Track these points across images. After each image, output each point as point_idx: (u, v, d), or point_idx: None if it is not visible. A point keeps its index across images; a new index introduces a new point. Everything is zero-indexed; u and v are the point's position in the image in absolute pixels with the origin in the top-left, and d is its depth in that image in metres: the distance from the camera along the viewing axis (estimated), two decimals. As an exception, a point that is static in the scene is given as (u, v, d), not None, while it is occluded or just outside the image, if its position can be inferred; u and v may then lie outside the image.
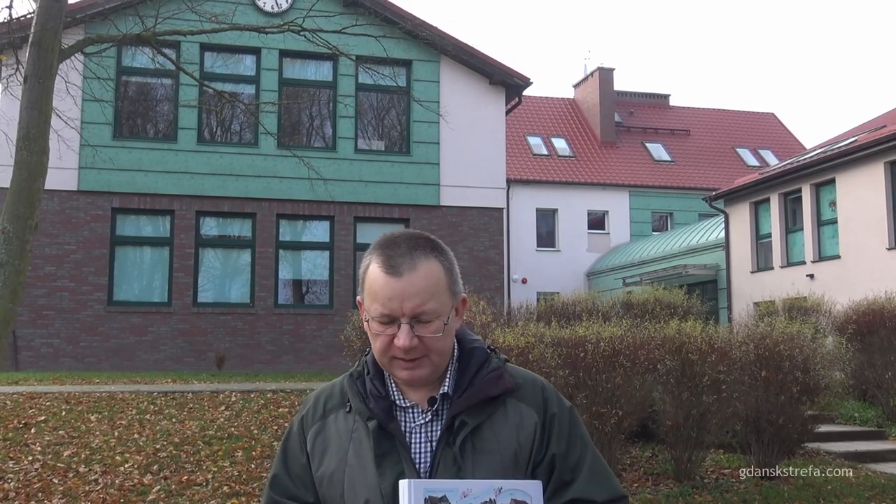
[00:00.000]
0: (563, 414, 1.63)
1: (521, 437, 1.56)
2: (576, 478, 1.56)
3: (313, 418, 1.64)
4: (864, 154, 15.30)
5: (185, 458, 7.42)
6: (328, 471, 1.57)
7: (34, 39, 5.80)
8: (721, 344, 7.51)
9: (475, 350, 1.63)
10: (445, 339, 1.56)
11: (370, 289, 1.56)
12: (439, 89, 16.74)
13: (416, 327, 1.51)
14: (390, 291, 1.51)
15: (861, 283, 14.23)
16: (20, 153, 5.69)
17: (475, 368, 1.60)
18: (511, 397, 1.59)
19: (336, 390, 1.66)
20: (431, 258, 1.55)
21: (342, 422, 1.60)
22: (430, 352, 1.54)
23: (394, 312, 1.51)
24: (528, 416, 1.58)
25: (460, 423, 1.53)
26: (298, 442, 1.63)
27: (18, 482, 6.60)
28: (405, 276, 1.52)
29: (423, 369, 1.55)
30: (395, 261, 1.53)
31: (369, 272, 1.57)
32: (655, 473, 7.77)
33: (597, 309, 11.15)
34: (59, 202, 14.67)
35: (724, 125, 31.55)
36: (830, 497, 7.25)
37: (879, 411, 10.75)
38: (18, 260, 5.53)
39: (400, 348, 1.51)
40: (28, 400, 9.43)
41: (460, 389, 1.57)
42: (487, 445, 1.53)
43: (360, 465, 1.54)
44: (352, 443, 1.57)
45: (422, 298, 1.51)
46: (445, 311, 1.55)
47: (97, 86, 12.86)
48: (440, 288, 1.55)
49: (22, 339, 14.25)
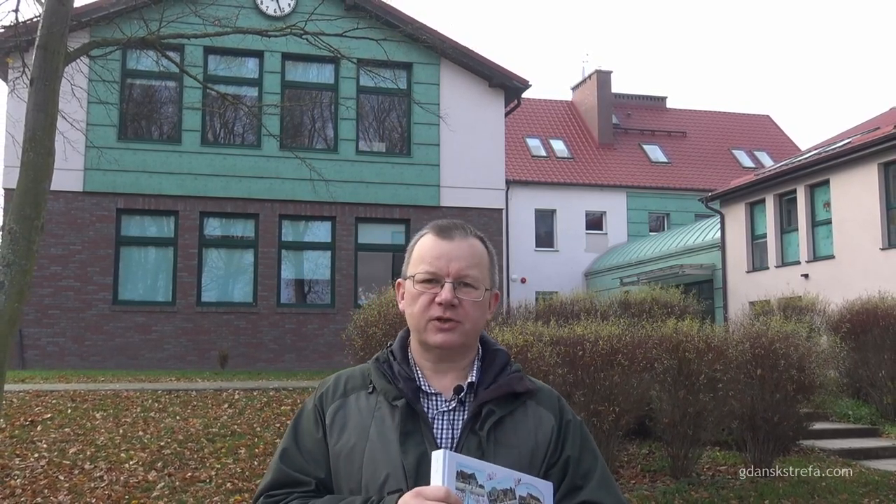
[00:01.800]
0: (577, 423, 1.68)
1: (539, 437, 1.60)
2: (587, 484, 1.59)
3: (333, 396, 1.63)
4: (857, 155, 15.30)
5: (188, 455, 7.42)
6: (348, 444, 1.56)
7: (40, 43, 5.79)
8: (717, 343, 7.51)
9: (499, 351, 1.69)
10: (481, 312, 1.63)
11: (418, 254, 1.64)
12: (439, 92, 16.74)
13: (458, 290, 1.58)
14: (439, 251, 1.61)
15: (855, 283, 14.23)
16: (26, 155, 5.68)
17: (500, 367, 1.65)
18: (531, 399, 1.64)
19: (357, 373, 1.67)
20: (478, 240, 1.67)
21: (364, 401, 1.60)
22: (467, 318, 1.59)
23: (440, 271, 1.59)
24: (546, 419, 1.63)
25: (488, 412, 1.56)
26: (314, 417, 1.62)
27: (25, 479, 6.60)
28: (456, 240, 1.62)
29: (456, 335, 1.58)
30: (446, 229, 1.64)
31: (420, 242, 1.66)
32: (653, 470, 7.77)
33: (595, 308, 11.14)
34: (65, 203, 14.67)
35: (719, 127, 31.55)
36: (825, 494, 7.25)
37: (873, 409, 10.76)
38: (25, 260, 5.52)
39: (441, 303, 1.57)
40: (34, 398, 9.43)
41: (486, 382, 1.62)
42: (508, 439, 1.56)
43: (382, 441, 1.53)
44: (374, 420, 1.57)
45: (468, 262, 1.60)
46: (485, 284, 1.63)
47: (102, 88, 12.83)
48: (483, 262, 1.64)
49: (28, 337, 14.25)
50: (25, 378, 11.39)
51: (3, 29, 7.93)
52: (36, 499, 6.20)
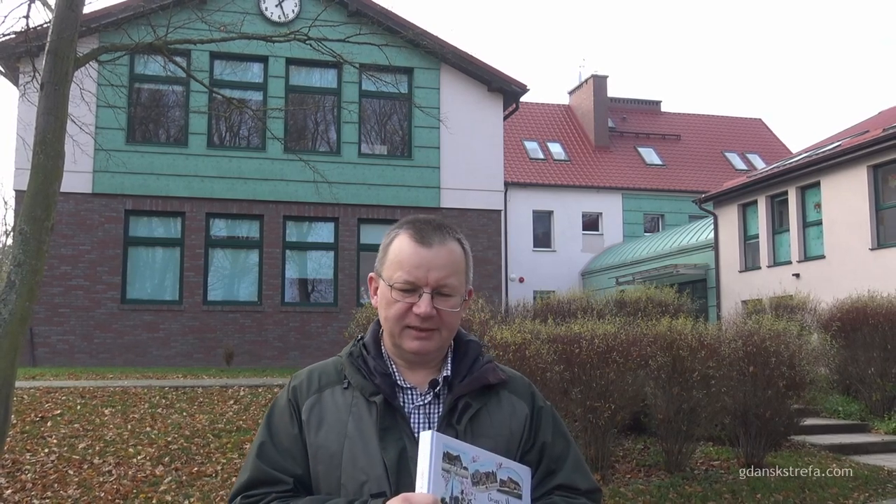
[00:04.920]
0: (548, 409, 1.66)
1: (514, 426, 1.58)
2: (561, 467, 1.59)
3: (308, 391, 1.57)
4: (847, 158, 15.29)
5: (195, 450, 7.42)
6: (326, 442, 1.51)
7: (50, 48, 5.79)
8: (710, 341, 7.51)
9: (471, 343, 1.65)
10: (457, 318, 1.58)
11: (395, 257, 1.55)
12: (439, 96, 16.73)
13: (436, 299, 1.52)
14: (418, 259, 1.53)
15: (845, 283, 14.22)
16: (37, 157, 5.68)
17: (472, 358, 1.62)
18: (504, 389, 1.62)
19: (330, 368, 1.61)
20: (456, 241, 1.59)
21: (339, 397, 1.55)
22: (444, 325, 1.54)
23: (418, 281, 1.52)
24: (519, 407, 1.61)
25: (465, 405, 1.54)
26: (289, 413, 1.56)
27: (35, 473, 6.60)
28: (434, 247, 1.54)
29: (432, 342, 1.54)
30: (425, 233, 1.55)
31: (396, 242, 1.58)
32: (647, 465, 7.77)
33: (591, 307, 11.14)
34: (75, 204, 14.67)
35: (713, 130, 31.53)
36: (815, 488, 7.24)
37: (862, 405, 10.76)
38: (35, 260, 5.52)
39: (419, 315, 1.51)
40: (44, 394, 9.43)
41: (460, 375, 1.58)
42: (484, 430, 1.54)
43: (361, 438, 1.49)
44: (351, 416, 1.52)
45: (447, 271, 1.54)
46: (461, 291, 1.58)
47: (111, 92, 12.87)
48: (460, 268, 1.58)
49: (39, 335, 14.25)
50: (36, 375, 11.38)
51: (15, 35, 7.92)
52: (46, 493, 6.20)
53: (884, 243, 14.65)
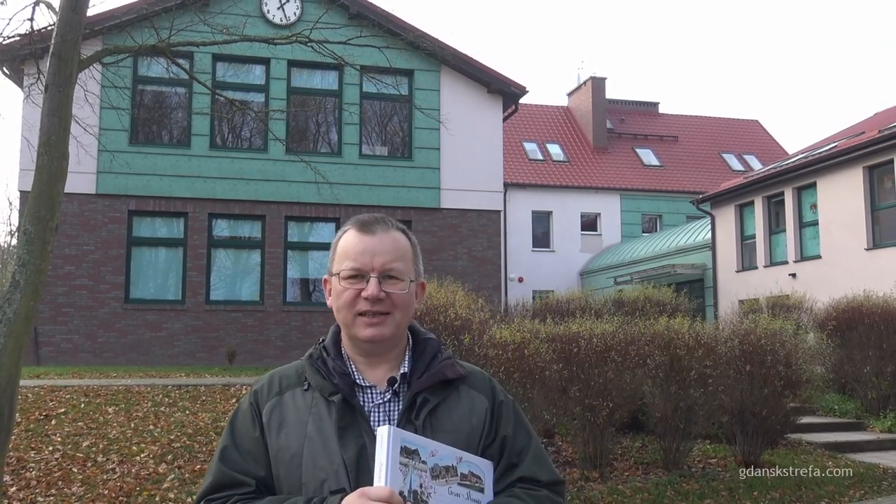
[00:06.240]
0: (509, 403, 1.66)
1: (474, 421, 1.58)
2: (522, 460, 1.59)
3: (269, 394, 1.59)
4: (843, 159, 15.29)
5: (197, 448, 7.42)
6: (287, 443, 1.51)
7: (54, 50, 5.79)
8: (707, 340, 7.52)
9: (429, 340, 1.66)
10: (408, 301, 1.59)
11: (342, 251, 1.59)
12: (440, 97, 16.73)
13: (384, 283, 1.54)
14: (363, 247, 1.56)
15: (841, 282, 14.22)
16: (41, 158, 5.68)
17: (430, 355, 1.62)
18: (463, 384, 1.62)
19: (291, 371, 1.63)
20: (400, 231, 1.62)
21: (300, 399, 1.56)
22: (395, 308, 1.55)
23: (364, 266, 1.55)
24: (479, 402, 1.61)
25: (423, 401, 1.54)
26: (250, 416, 1.58)
27: (39, 471, 6.60)
28: (378, 234, 1.58)
29: (386, 327, 1.55)
30: (368, 224, 1.59)
31: (343, 238, 1.61)
32: (645, 463, 7.77)
33: (589, 306, 11.15)
34: (79, 205, 14.67)
35: (710, 132, 31.53)
36: (811, 485, 7.25)
37: (858, 404, 10.76)
38: (39, 260, 5.51)
39: (368, 298, 1.53)
40: (49, 393, 9.43)
41: (418, 372, 1.58)
42: (443, 425, 1.54)
43: (320, 437, 1.50)
44: (311, 417, 1.52)
45: (392, 255, 1.56)
46: (409, 277, 1.59)
47: (114, 94, 12.86)
48: (406, 255, 1.60)
49: (43, 334, 14.24)
50: (40, 374, 11.38)
51: (20, 37, 7.91)
52: (50, 490, 6.20)
53: (879, 243, 14.65)
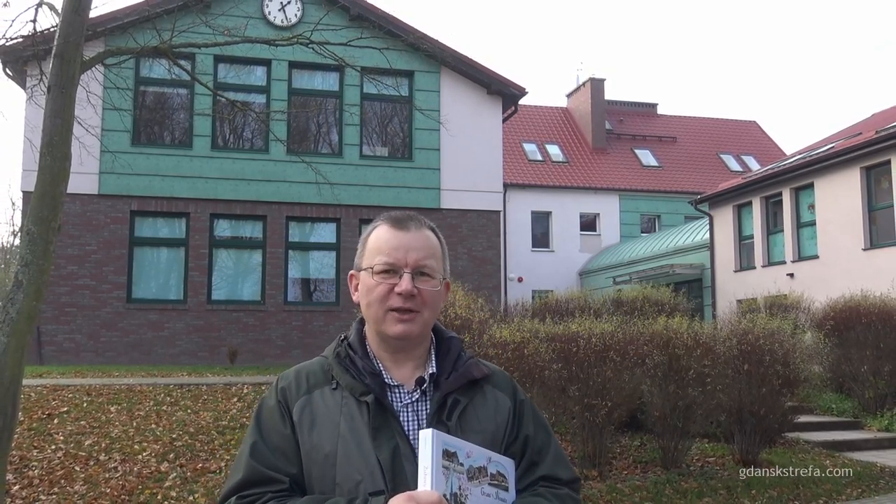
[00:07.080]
0: (528, 402, 1.68)
1: (498, 419, 1.59)
2: (543, 459, 1.60)
3: (298, 392, 1.55)
4: (840, 160, 15.29)
5: (199, 447, 7.42)
6: (320, 442, 1.49)
7: (57, 52, 5.79)
8: (706, 339, 7.52)
9: (453, 339, 1.66)
10: (438, 300, 1.60)
11: (374, 245, 1.59)
12: (440, 98, 16.74)
13: (417, 279, 1.54)
14: (397, 242, 1.56)
15: (838, 282, 14.22)
16: (44, 159, 5.68)
17: (456, 354, 1.62)
18: (487, 383, 1.62)
19: (317, 368, 1.59)
20: (430, 231, 1.64)
21: (329, 398, 1.53)
22: (425, 306, 1.55)
23: (398, 262, 1.54)
24: (503, 401, 1.62)
25: (454, 401, 1.54)
26: (279, 413, 1.54)
27: (42, 469, 6.61)
28: (412, 231, 1.58)
29: (415, 325, 1.54)
30: (402, 220, 1.60)
31: (374, 233, 1.61)
32: (644, 461, 7.77)
33: (589, 306, 11.15)
34: (81, 205, 14.67)
35: (708, 132, 31.53)
36: (809, 484, 7.25)
37: (855, 403, 10.76)
38: (42, 260, 5.51)
39: (402, 294, 1.52)
40: (51, 392, 9.43)
41: (446, 372, 1.58)
42: (472, 426, 1.54)
43: (354, 438, 1.48)
44: (342, 416, 1.50)
45: (425, 252, 1.57)
46: (440, 275, 1.60)
47: (117, 95, 12.85)
48: (437, 253, 1.61)
49: (45, 334, 14.25)
50: (43, 373, 11.38)
51: (22, 38, 7.91)
52: (53, 489, 6.20)
53: (876, 244, 14.66)
